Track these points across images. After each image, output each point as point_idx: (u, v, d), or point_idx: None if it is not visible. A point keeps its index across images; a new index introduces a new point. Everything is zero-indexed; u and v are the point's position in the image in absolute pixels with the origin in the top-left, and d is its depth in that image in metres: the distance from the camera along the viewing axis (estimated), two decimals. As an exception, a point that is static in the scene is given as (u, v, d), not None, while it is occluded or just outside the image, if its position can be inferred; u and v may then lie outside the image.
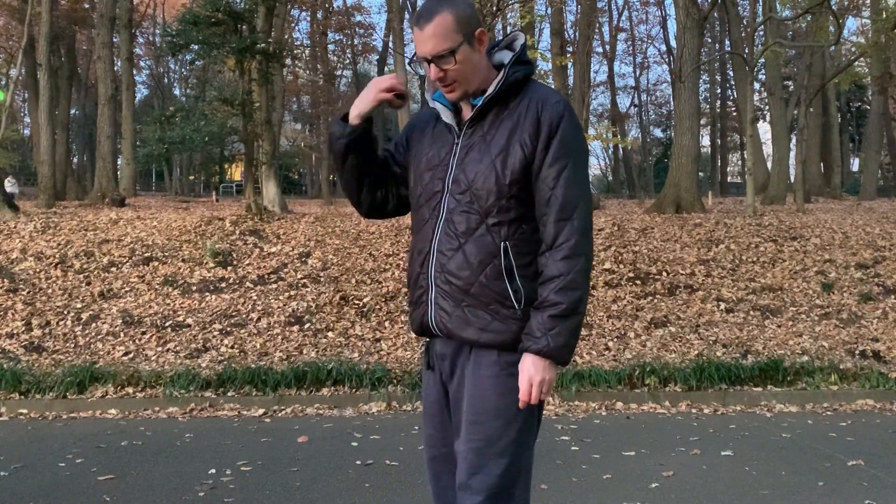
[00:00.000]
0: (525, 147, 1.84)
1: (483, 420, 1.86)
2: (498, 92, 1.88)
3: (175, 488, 4.15)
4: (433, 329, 1.93)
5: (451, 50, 1.81)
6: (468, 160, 1.88)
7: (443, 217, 1.90)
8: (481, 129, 1.90)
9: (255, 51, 12.63)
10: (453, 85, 1.87)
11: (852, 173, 37.24)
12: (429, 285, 1.91)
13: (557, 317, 1.79)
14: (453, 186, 1.89)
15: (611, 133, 25.76)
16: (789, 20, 21.73)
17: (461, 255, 1.86)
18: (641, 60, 41.75)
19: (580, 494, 4.07)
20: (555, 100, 1.88)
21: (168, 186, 35.80)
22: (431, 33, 1.81)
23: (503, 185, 1.84)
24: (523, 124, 1.86)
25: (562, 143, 1.84)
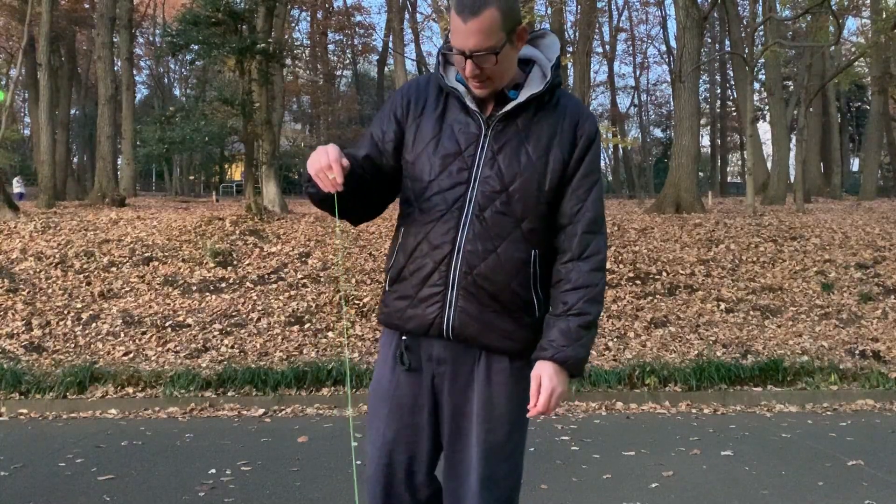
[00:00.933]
0: (564, 154, 1.81)
1: (494, 427, 1.82)
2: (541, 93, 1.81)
3: (175, 488, 4.15)
4: (448, 332, 1.80)
5: (494, 49, 1.71)
6: (502, 158, 1.79)
7: (470, 214, 1.78)
8: (515, 126, 1.81)
9: (255, 51, 12.63)
10: (486, 82, 1.77)
11: (852, 173, 37.23)
12: (448, 285, 1.79)
13: (584, 327, 1.77)
14: (484, 184, 1.79)
15: (611, 133, 25.77)
16: (789, 20, 21.74)
17: (496, 259, 1.77)
18: (641, 60, 41.83)
19: (580, 494, 4.07)
20: (589, 113, 1.89)
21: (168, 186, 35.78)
22: (477, 28, 1.69)
23: (543, 191, 1.79)
24: (562, 131, 1.82)
25: (594, 157, 1.85)
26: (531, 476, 4.35)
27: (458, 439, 1.86)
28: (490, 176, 1.79)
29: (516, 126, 1.81)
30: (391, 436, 1.88)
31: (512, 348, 1.81)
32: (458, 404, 1.84)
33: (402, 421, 1.88)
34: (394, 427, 1.88)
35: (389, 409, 1.89)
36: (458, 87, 1.84)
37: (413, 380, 1.87)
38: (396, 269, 1.87)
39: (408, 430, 1.88)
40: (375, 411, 1.92)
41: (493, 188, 1.78)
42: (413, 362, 1.87)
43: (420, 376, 1.87)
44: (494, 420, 1.82)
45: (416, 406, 1.87)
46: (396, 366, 1.89)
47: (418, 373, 1.87)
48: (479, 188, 1.79)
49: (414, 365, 1.87)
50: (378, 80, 38.37)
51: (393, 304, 1.88)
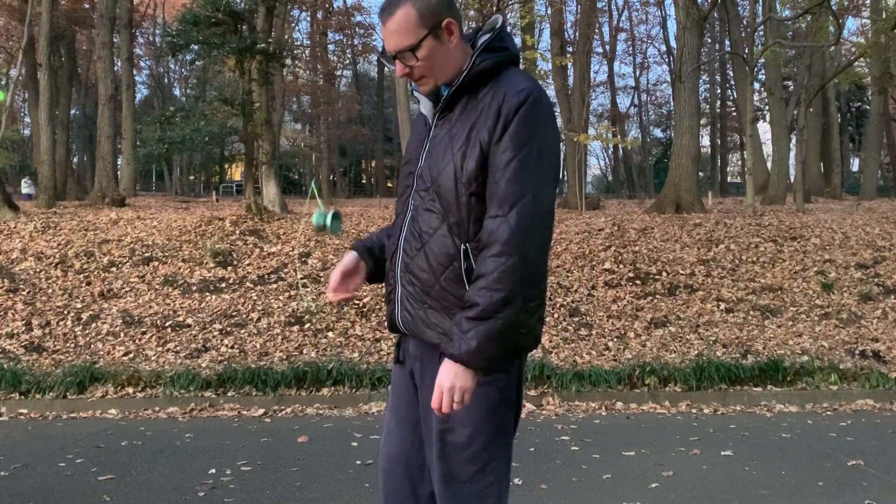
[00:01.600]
0: (482, 141, 1.69)
1: (452, 427, 1.76)
2: (464, 82, 1.74)
3: (175, 488, 4.15)
4: (399, 327, 1.87)
5: (412, 46, 1.71)
6: (434, 154, 1.78)
7: (409, 214, 1.82)
8: (449, 121, 1.78)
9: (255, 51, 12.63)
10: (421, 80, 1.78)
11: (852, 173, 37.24)
12: (396, 282, 1.84)
13: (473, 319, 1.63)
14: (419, 182, 1.80)
15: (611, 133, 25.74)
16: (789, 20, 21.73)
17: (423, 256, 1.76)
18: (641, 60, 41.83)
19: (580, 494, 4.07)
20: (518, 88, 1.70)
21: (168, 186, 35.81)
22: (393, 29, 1.70)
23: (461, 183, 1.71)
24: (485, 116, 1.70)
25: (516, 133, 1.67)
26: (531, 476, 4.36)
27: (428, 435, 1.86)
28: (423, 174, 1.80)
29: (449, 121, 1.79)
30: (393, 427, 1.95)
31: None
32: (426, 401, 1.78)
33: (399, 414, 1.93)
34: (394, 419, 1.95)
35: (392, 402, 1.97)
36: (419, 97, 1.87)
37: (403, 374, 1.93)
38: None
39: (405, 424, 1.91)
40: (389, 406, 2.00)
41: (424, 185, 1.79)
42: (401, 356, 1.94)
43: (404, 370, 1.93)
44: (452, 420, 1.75)
45: (409, 400, 1.91)
46: (395, 362, 1.98)
47: (403, 367, 1.93)
48: (416, 188, 1.82)
49: (402, 359, 1.93)
50: (378, 80, 38.38)
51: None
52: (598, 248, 10.65)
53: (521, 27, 17.14)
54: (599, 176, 49.22)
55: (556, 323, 8.53)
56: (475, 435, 1.77)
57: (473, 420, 1.77)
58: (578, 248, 10.73)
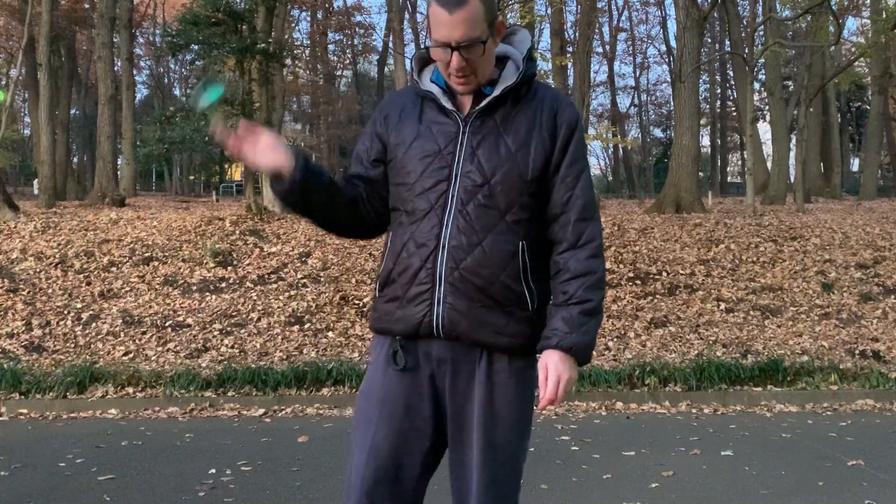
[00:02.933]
0: (545, 144, 1.80)
1: (495, 429, 1.79)
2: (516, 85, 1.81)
3: (175, 488, 4.15)
4: (438, 330, 1.77)
5: (481, 39, 1.71)
6: (482, 152, 1.79)
7: (453, 210, 1.77)
8: (492, 120, 1.81)
9: (255, 51, 12.62)
10: (470, 77, 1.77)
11: (852, 173, 37.24)
12: (435, 282, 1.76)
13: (587, 313, 1.75)
14: (465, 178, 1.78)
15: (611, 133, 25.76)
16: (789, 20, 21.73)
17: (481, 252, 1.75)
18: (641, 60, 41.79)
19: (580, 494, 4.07)
20: (568, 102, 1.88)
21: (168, 186, 35.81)
22: (463, 18, 1.68)
23: (525, 182, 1.78)
24: (541, 121, 1.81)
25: (578, 145, 1.84)
26: (531, 476, 4.36)
27: (460, 439, 1.82)
28: (471, 170, 1.78)
29: (494, 121, 1.81)
30: (382, 441, 1.81)
31: (507, 344, 1.78)
32: (460, 404, 1.81)
33: (393, 425, 1.81)
34: (385, 432, 1.82)
35: (381, 412, 1.82)
36: (432, 90, 1.84)
37: (408, 380, 1.82)
38: (385, 273, 1.86)
39: (401, 435, 1.81)
40: (365, 415, 1.85)
41: (475, 182, 1.78)
42: (410, 362, 1.82)
43: (416, 376, 1.82)
44: (495, 422, 1.79)
45: (412, 409, 1.81)
46: (389, 367, 1.84)
47: (414, 373, 1.82)
48: (461, 183, 1.78)
49: (410, 364, 1.82)
50: (378, 80, 38.38)
51: (383, 308, 1.86)
52: (598, 248, 10.65)
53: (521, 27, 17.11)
54: (599, 176, 49.19)
55: (556, 323, 8.52)
56: (513, 435, 1.83)
57: (513, 420, 1.82)
58: (578, 248, 10.71)
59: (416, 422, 1.82)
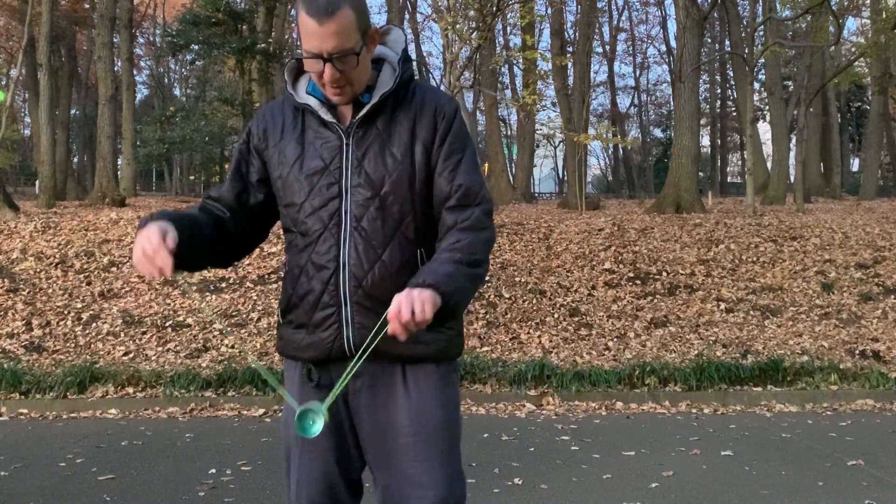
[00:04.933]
0: (427, 145, 1.76)
1: (431, 437, 1.75)
2: (393, 90, 1.76)
3: (175, 488, 4.15)
4: (352, 350, 1.71)
5: (354, 50, 1.65)
6: (368, 163, 1.74)
7: (347, 227, 1.73)
8: (375, 128, 1.76)
9: (255, 51, 12.65)
10: (345, 88, 1.71)
11: (852, 173, 37.23)
12: (341, 304, 1.72)
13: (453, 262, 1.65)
14: (355, 192, 1.73)
15: (611, 133, 25.74)
16: (789, 20, 21.73)
17: (381, 266, 1.71)
18: (641, 60, 41.72)
19: (580, 494, 4.07)
20: (448, 97, 1.84)
21: (168, 186, 35.81)
22: (335, 30, 1.61)
23: (415, 189, 1.74)
24: (421, 124, 1.76)
25: (455, 136, 1.78)
26: (531, 476, 4.36)
27: (388, 459, 1.76)
28: (360, 184, 1.73)
29: (376, 129, 1.76)
30: (309, 462, 1.79)
31: (424, 352, 1.74)
32: (381, 422, 1.75)
33: (317, 445, 1.75)
34: (310, 453, 1.78)
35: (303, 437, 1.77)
36: (310, 102, 1.78)
37: (324, 397, 1.71)
38: (286, 298, 1.82)
39: (325, 452, 1.78)
40: (290, 437, 1.81)
41: (366, 195, 1.72)
42: (323, 379, 1.77)
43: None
44: (430, 430, 1.74)
45: (334, 426, 1.75)
46: (304, 386, 1.79)
47: (330, 389, 1.71)
48: (352, 198, 1.73)
49: (324, 381, 1.77)
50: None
51: (289, 335, 1.82)
52: (598, 248, 10.66)
53: (522, 27, 17.13)
54: (599, 176, 49.21)
55: (556, 323, 8.53)
56: (451, 438, 1.79)
57: (448, 424, 1.78)
58: (578, 248, 10.73)
59: (342, 437, 1.79)
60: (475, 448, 4.94)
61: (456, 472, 1.79)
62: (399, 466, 1.75)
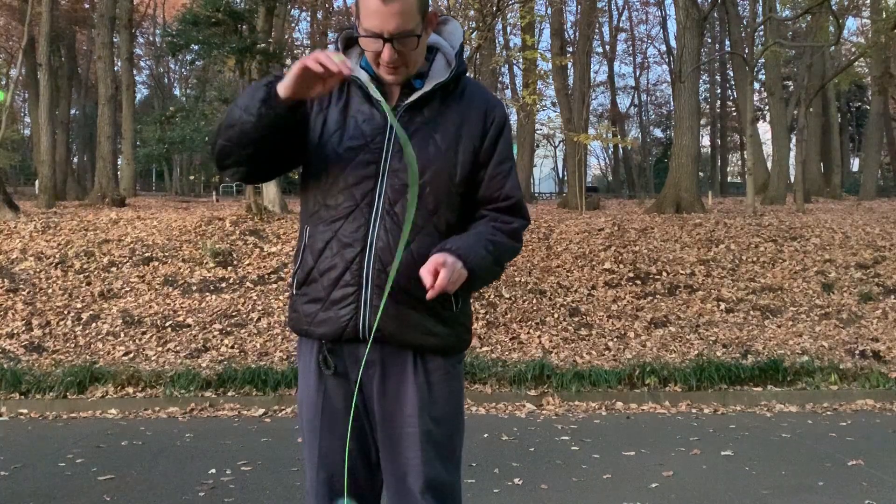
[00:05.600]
0: (474, 144, 1.76)
1: (436, 428, 1.76)
2: (447, 81, 1.75)
3: (175, 488, 4.15)
4: (363, 332, 1.70)
5: (415, 31, 1.64)
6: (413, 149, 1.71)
7: (380, 209, 1.70)
8: (421, 115, 1.74)
9: (255, 51, 12.63)
10: (401, 68, 1.70)
11: (852, 173, 37.22)
12: (362, 284, 1.70)
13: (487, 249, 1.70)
14: (393, 176, 1.71)
15: (611, 133, 25.74)
16: (789, 20, 21.74)
17: (409, 254, 1.68)
18: (641, 60, 41.77)
19: (580, 494, 4.07)
20: (497, 101, 1.85)
21: (168, 186, 35.80)
22: (398, 10, 1.61)
23: (454, 182, 1.74)
24: (469, 122, 1.76)
25: (507, 143, 1.81)
26: (531, 476, 4.36)
27: (392, 446, 1.77)
28: (399, 168, 1.70)
29: (423, 116, 1.74)
30: (328, 447, 1.79)
31: (436, 344, 1.75)
32: (389, 410, 1.75)
33: (336, 432, 1.77)
34: (329, 438, 1.79)
35: (322, 419, 1.79)
36: (360, 76, 1.74)
37: (342, 383, 1.78)
38: (305, 271, 1.78)
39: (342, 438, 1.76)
40: (307, 424, 1.82)
41: (403, 181, 1.69)
42: (339, 366, 1.77)
43: (347, 380, 1.78)
44: (436, 420, 1.76)
45: (344, 412, 1.77)
46: (322, 372, 1.79)
47: (346, 377, 1.78)
48: (388, 181, 1.71)
49: (340, 368, 1.77)
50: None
51: (303, 309, 1.78)
52: (598, 248, 10.65)
53: (522, 27, 17.13)
54: (599, 176, 49.20)
55: (556, 323, 8.53)
56: (453, 433, 1.81)
57: (451, 418, 1.80)
58: (578, 248, 10.73)
59: (357, 423, 1.79)
60: (475, 448, 4.94)
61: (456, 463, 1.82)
62: (403, 454, 1.76)
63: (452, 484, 1.80)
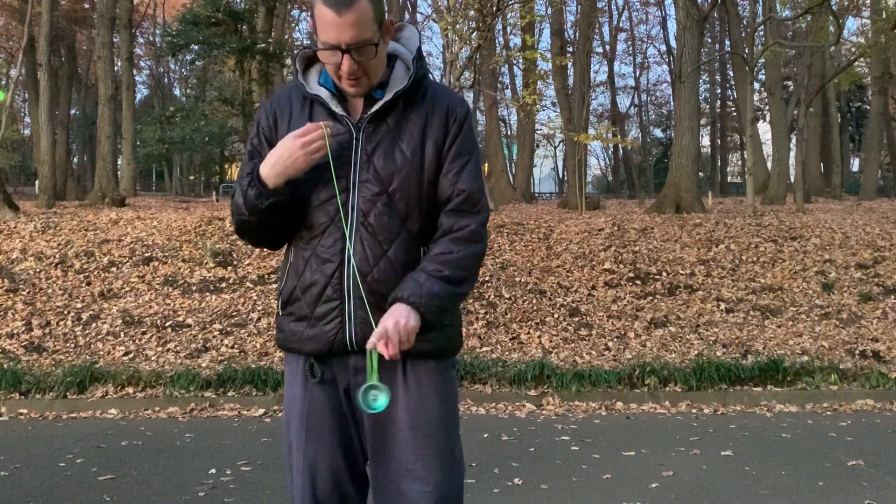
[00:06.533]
0: (438, 145, 1.77)
1: (430, 432, 1.76)
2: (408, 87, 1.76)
3: (175, 488, 4.15)
4: (351, 345, 1.73)
5: (372, 41, 1.65)
6: (377, 159, 1.74)
7: (355, 221, 1.72)
8: (385, 125, 1.76)
9: (255, 51, 12.66)
10: (362, 80, 1.71)
11: (852, 173, 37.22)
12: (344, 297, 1.72)
13: (438, 279, 1.69)
14: (363, 187, 1.73)
15: (611, 133, 25.74)
16: (789, 20, 21.74)
17: (386, 263, 1.72)
18: (641, 60, 41.70)
19: (580, 494, 4.07)
20: (460, 98, 1.86)
21: (168, 186, 35.78)
22: (353, 21, 1.61)
23: (422, 188, 1.75)
24: (432, 123, 1.77)
25: (466, 137, 1.80)
26: (531, 476, 4.36)
27: (384, 453, 1.77)
28: (368, 179, 1.73)
29: (387, 125, 1.76)
30: (314, 456, 1.79)
31: (428, 349, 1.74)
32: (381, 416, 1.73)
33: (322, 439, 1.79)
34: (315, 446, 1.79)
35: (308, 426, 1.80)
36: (320, 93, 1.78)
37: (329, 391, 1.79)
38: (288, 291, 1.81)
39: (333, 449, 1.79)
40: (292, 433, 1.83)
41: (373, 191, 1.73)
42: (325, 373, 1.79)
43: (336, 387, 1.79)
44: (431, 424, 1.76)
45: (337, 420, 1.79)
46: (307, 380, 1.80)
47: (333, 384, 1.79)
48: (360, 193, 1.73)
49: (327, 376, 1.79)
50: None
51: (290, 328, 1.81)
52: (598, 248, 10.65)
53: (522, 27, 17.13)
54: (599, 176, 49.19)
55: (556, 323, 8.53)
56: (450, 434, 1.81)
57: (447, 419, 1.80)
58: (578, 248, 10.72)
59: (345, 429, 1.80)
60: (475, 448, 4.94)
61: (454, 465, 1.81)
62: (397, 460, 1.76)
63: (451, 485, 1.80)
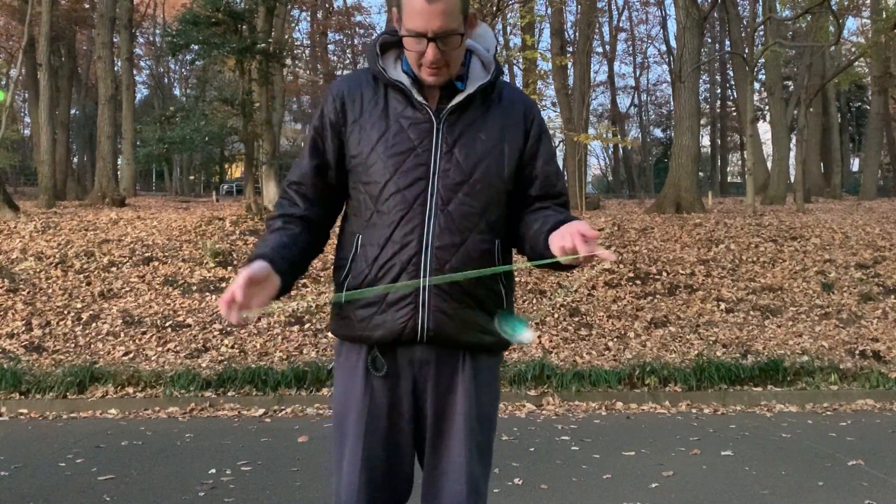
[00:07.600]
0: (518, 142, 1.81)
1: (480, 427, 1.79)
2: (489, 82, 1.79)
3: (175, 488, 4.15)
4: (423, 334, 1.71)
5: (459, 31, 1.67)
6: (459, 149, 1.74)
7: (434, 209, 1.71)
8: (467, 116, 1.77)
9: (255, 51, 12.63)
10: (443, 69, 1.71)
11: (852, 173, 37.21)
12: (420, 285, 1.71)
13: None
14: (444, 176, 1.72)
15: (611, 133, 25.74)
16: (789, 20, 21.73)
17: (465, 253, 1.71)
18: (641, 60, 41.75)
19: (580, 494, 4.07)
20: (533, 101, 1.92)
21: (168, 186, 35.77)
22: (442, 9, 1.63)
23: (503, 179, 1.78)
24: (512, 121, 1.81)
25: (549, 142, 1.88)
26: (531, 476, 4.36)
27: (440, 443, 1.78)
28: (449, 168, 1.73)
29: (468, 116, 1.77)
30: (375, 453, 1.76)
31: (490, 342, 1.77)
32: (441, 407, 1.76)
33: (380, 433, 1.76)
34: (373, 442, 1.76)
35: (368, 423, 1.77)
36: (403, 80, 1.76)
37: (391, 385, 1.77)
38: (358, 278, 1.75)
39: (390, 442, 1.77)
40: (348, 426, 1.79)
41: (455, 180, 1.73)
42: (390, 367, 1.76)
43: (398, 381, 1.77)
44: (481, 419, 1.79)
45: (395, 412, 1.77)
46: (369, 373, 1.77)
47: (396, 378, 1.77)
48: (440, 181, 1.73)
49: (391, 370, 1.76)
50: (378, 79, 38.17)
51: (356, 314, 1.75)
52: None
53: (521, 27, 17.13)
54: (599, 176, 49.19)
55: (556, 323, 8.53)
56: (492, 430, 1.87)
57: (492, 416, 1.86)
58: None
59: (400, 424, 1.78)
60: (475, 448, 4.94)
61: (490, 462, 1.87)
62: (449, 450, 1.77)
63: (485, 482, 1.85)
